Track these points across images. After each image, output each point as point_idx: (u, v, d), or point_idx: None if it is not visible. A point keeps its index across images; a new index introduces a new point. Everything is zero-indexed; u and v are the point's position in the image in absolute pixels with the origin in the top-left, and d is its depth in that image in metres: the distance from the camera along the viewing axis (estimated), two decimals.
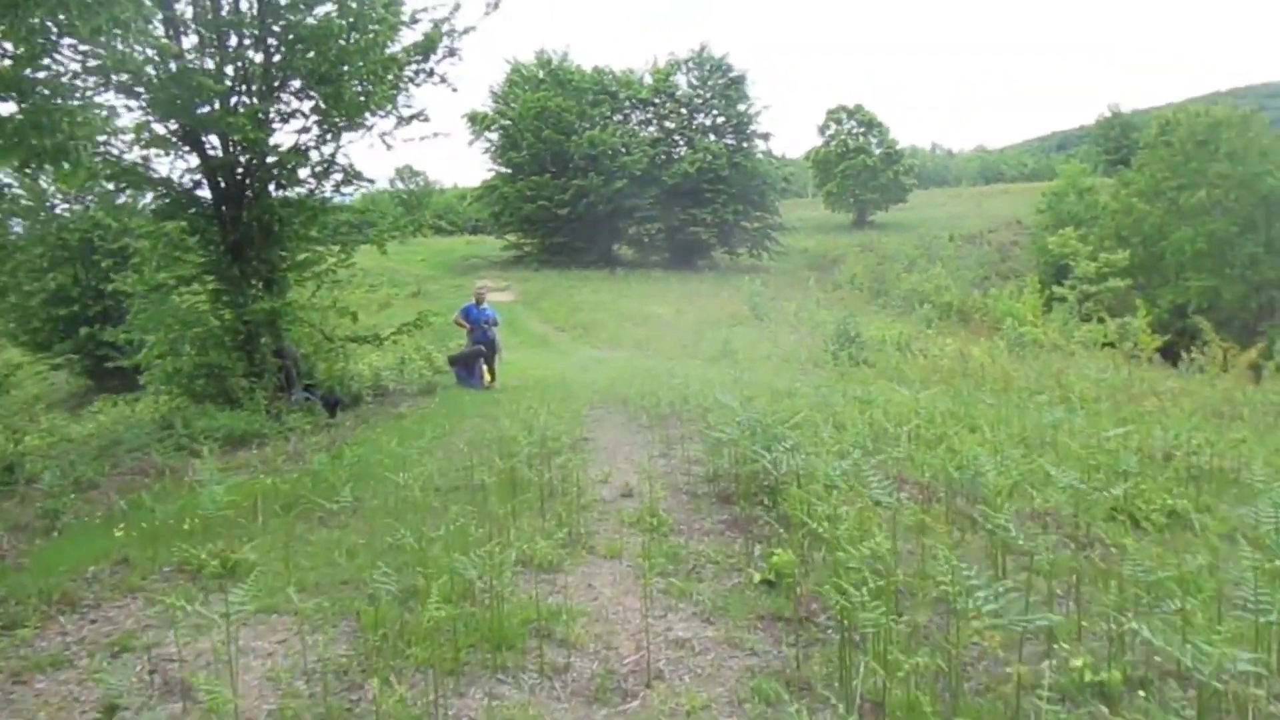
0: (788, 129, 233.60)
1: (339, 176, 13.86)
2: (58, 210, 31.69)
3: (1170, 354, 21.47)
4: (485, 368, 15.89)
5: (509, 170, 46.40)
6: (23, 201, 32.38)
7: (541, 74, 46.50)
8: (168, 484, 7.30)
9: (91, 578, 5.13)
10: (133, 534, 5.80)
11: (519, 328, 28.77)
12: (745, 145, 48.42)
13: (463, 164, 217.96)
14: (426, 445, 8.45)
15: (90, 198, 28.61)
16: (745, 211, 46.58)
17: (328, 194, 13.92)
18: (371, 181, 13.99)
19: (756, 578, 4.57)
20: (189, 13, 12.11)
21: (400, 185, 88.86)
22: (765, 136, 51.63)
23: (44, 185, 31.63)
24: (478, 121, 46.10)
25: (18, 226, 32.18)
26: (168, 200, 12.74)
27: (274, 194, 13.26)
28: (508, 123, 45.85)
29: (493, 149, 47.03)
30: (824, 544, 4.63)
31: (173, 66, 11.49)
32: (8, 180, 28.33)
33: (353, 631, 4.18)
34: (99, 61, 9.92)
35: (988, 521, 4.36)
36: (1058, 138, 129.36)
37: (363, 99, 12.40)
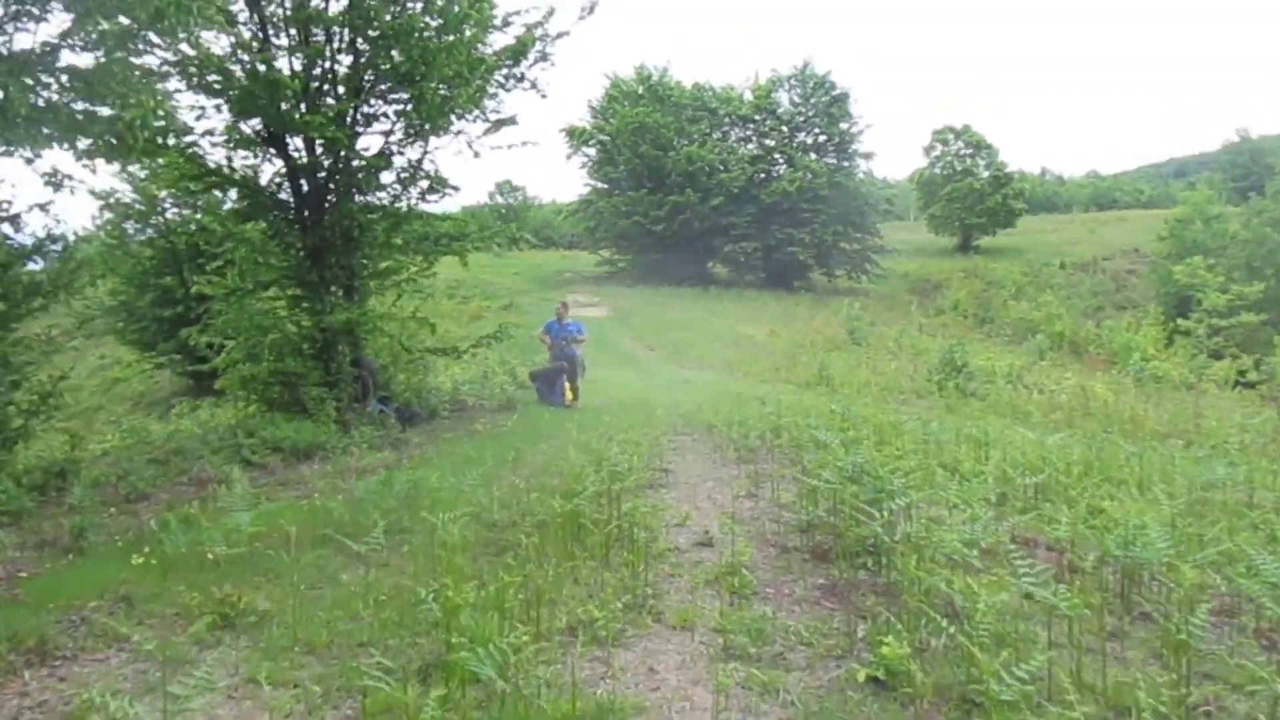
0: (891, 149, 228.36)
1: (424, 184, 13.40)
2: (168, 215, 32.82)
3: None
4: (567, 385, 15.23)
5: (605, 185, 46.09)
6: (136, 207, 33.54)
7: (641, 89, 46.04)
8: (208, 503, 6.74)
9: (82, 619, 4.51)
10: (151, 562, 5.21)
11: (608, 344, 28.13)
12: (846, 165, 47.02)
13: (562, 179, 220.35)
14: (490, 470, 7.75)
15: (199, 202, 29.47)
16: (845, 232, 45.09)
17: (413, 201, 13.48)
18: (456, 189, 13.48)
19: (861, 675, 3.63)
20: (279, 12, 11.82)
21: (500, 199, 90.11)
22: (868, 156, 50.06)
23: (155, 191, 32.66)
24: (576, 136, 45.92)
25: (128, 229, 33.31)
26: (250, 202, 12.44)
27: (357, 199, 12.85)
28: (605, 138, 45.53)
29: (590, 164, 46.81)
30: (944, 632, 3.68)
31: (260, 66, 11.21)
32: (121, 186, 29.11)
33: (355, 717, 3.41)
34: (177, 57, 9.64)
35: (1169, 621, 3.36)
36: (1176, 164, 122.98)
37: (447, 100, 11.89)
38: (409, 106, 12.25)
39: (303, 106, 11.79)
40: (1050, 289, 42.56)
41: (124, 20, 7.46)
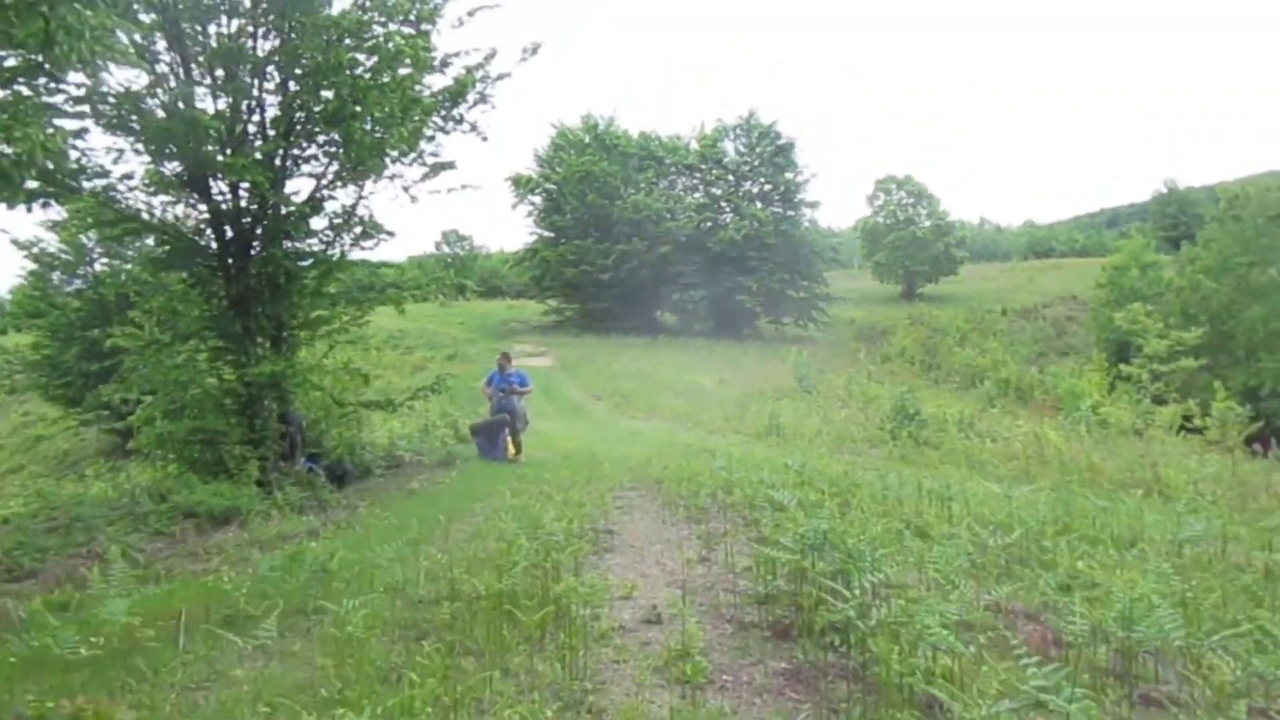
0: (835, 197, 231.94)
1: (358, 230, 12.79)
2: (96, 266, 31.65)
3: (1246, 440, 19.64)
4: (509, 439, 14.58)
5: (552, 234, 45.78)
6: (62, 256, 32.27)
7: (587, 138, 46.07)
8: (94, 584, 5.97)
9: None
10: (10, 661, 4.47)
11: (555, 395, 27.53)
12: (792, 213, 47.34)
13: (510, 228, 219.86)
14: (419, 535, 7.09)
15: (130, 250, 28.35)
16: (792, 280, 45.20)
17: (345, 247, 12.86)
18: (391, 234, 12.88)
19: None
20: (203, 49, 11.22)
21: (446, 248, 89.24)
22: (813, 205, 50.54)
23: (84, 240, 31.52)
24: (521, 184, 45.65)
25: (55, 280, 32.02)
26: (169, 248, 11.71)
27: (286, 246, 12.19)
28: (552, 186, 45.36)
29: (536, 212, 46.53)
30: None
31: (180, 105, 10.60)
32: (45, 235, 27.95)
33: None
34: (82, 92, 9.00)
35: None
36: (1108, 214, 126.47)
37: (380, 141, 11.35)
38: (340, 149, 11.70)
39: (228, 149, 11.18)
40: (994, 335, 43.07)
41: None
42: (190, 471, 11.56)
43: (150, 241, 12.63)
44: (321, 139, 11.74)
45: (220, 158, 11.03)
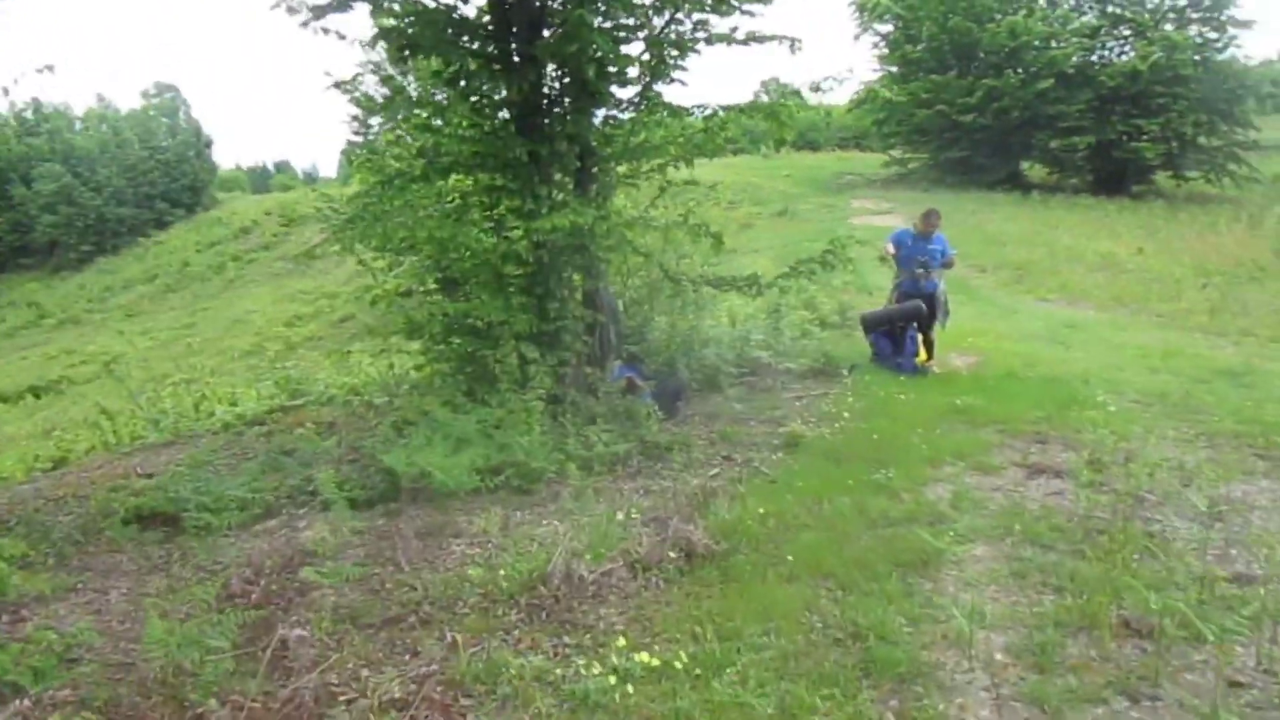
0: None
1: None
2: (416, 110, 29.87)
3: None
4: (920, 339, 9.50)
5: (898, 69, 38.42)
6: (378, 99, 30.77)
7: None
8: None
9: None
10: None
11: None
12: (1216, 36, 36.33)
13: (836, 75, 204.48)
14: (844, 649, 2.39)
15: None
16: (1210, 123, 34.89)
17: (688, 30, 7.93)
18: (750, 13, 7.78)
19: None
20: None
21: (765, 98, 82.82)
22: (1245, 24, 38.35)
23: (401, 80, 29.64)
24: (866, 9, 38.33)
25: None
26: (413, 23, 7.33)
27: (596, 20, 7.42)
28: (903, 12, 37.69)
29: (882, 44, 39.22)
30: None
31: None
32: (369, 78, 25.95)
33: None
34: None
35: None
36: None
37: None
38: None
39: None
40: None
41: None
42: (460, 375, 7.64)
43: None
44: None
45: None
